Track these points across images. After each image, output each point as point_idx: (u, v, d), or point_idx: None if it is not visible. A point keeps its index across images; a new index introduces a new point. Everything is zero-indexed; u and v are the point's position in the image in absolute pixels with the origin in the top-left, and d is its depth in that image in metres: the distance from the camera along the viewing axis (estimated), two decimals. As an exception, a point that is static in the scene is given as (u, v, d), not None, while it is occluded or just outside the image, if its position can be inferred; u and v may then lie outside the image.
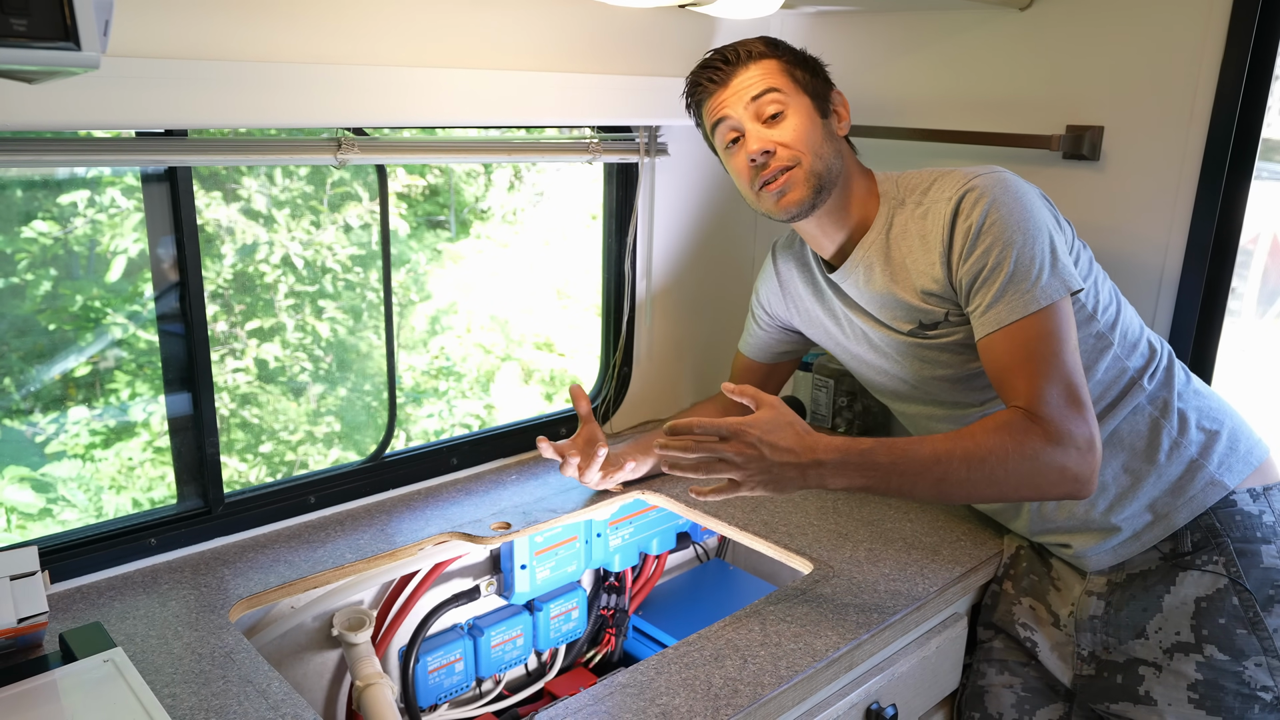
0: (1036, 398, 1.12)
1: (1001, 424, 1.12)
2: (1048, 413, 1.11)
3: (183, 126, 1.17)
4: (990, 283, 1.17)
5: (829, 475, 1.11)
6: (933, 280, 1.24)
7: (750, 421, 1.11)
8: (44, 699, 0.93)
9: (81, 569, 1.24)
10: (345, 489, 1.48)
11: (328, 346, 2.84)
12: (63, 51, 0.70)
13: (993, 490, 1.12)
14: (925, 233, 1.25)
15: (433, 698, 1.49)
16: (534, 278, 3.03)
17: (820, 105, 1.28)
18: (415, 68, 1.32)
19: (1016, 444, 1.10)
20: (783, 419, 1.11)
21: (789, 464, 1.10)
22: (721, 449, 1.10)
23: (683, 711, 1.02)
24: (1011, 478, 1.11)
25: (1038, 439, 1.10)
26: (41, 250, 2.10)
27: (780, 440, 1.10)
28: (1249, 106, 1.34)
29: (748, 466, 1.10)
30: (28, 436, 2.16)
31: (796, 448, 1.10)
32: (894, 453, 1.11)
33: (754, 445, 1.09)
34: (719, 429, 1.10)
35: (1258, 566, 1.20)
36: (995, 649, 1.40)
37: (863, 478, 1.11)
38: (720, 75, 1.27)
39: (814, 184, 1.25)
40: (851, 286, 1.35)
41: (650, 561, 1.79)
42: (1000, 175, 1.21)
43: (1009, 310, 1.15)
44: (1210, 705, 1.20)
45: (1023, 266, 1.15)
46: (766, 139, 1.24)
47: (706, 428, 1.11)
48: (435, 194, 3.06)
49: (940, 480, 1.10)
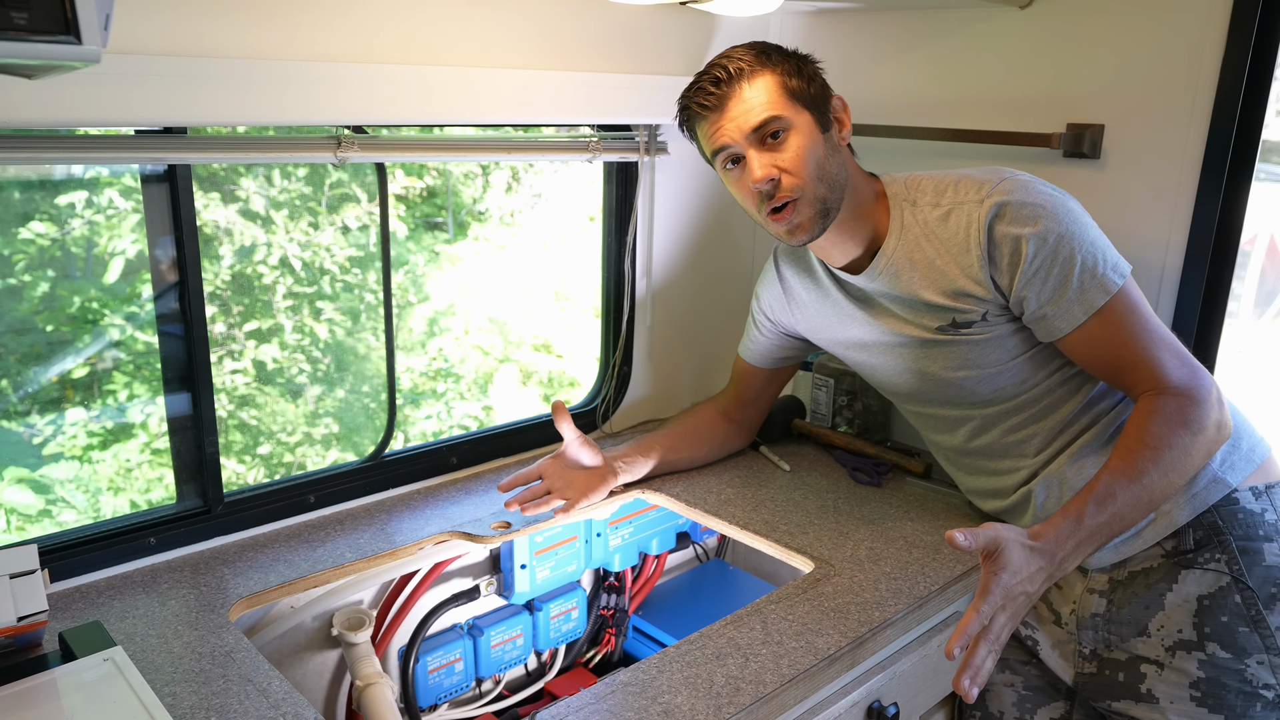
0: (1161, 371, 1.17)
1: (1152, 413, 1.15)
2: (1179, 379, 1.16)
3: (182, 124, 1.16)
4: (1064, 281, 1.19)
5: (1070, 563, 1.09)
6: (973, 282, 1.24)
7: (1008, 575, 1.03)
8: (44, 698, 0.93)
9: (81, 568, 1.23)
10: (345, 488, 1.48)
11: (326, 348, 2.84)
12: (63, 45, 0.70)
13: (1183, 477, 1.15)
14: (953, 234, 1.24)
15: (432, 697, 1.49)
16: (532, 279, 3.03)
17: (820, 118, 1.25)
18: (415, 66, 1.32)
19: (1182, 424, 1.13)
20: (1018, 546, 1.05)
21: (1043, 582, 1.06)
22: (1000, 620, 1.02)
23: (684, 710, 1.02)
24: (1193, 455, 1.14)
25: (1193, 409, 1.14)
26: (39, 251, 2.09)
27: (1030, 568, 1.05)
28: (1250, 105, 1.34)
29: (1020, 613, 1.05)
30: (25, 438, 2.15)
31: (1045, 565, 1.06)
32: (1105, 504, 1.10)
33: (1023, 592, 1.04)
34: (994, 606, 1.02)
35: (1260, 564, 1.20)
36: (997, 648, 1.39)
37: (1092, 544, 1.11)
38: (713, 100, 1.23)
39: (820, 209, 1.24)
40: (877, 289, 1.34)
41: (650, 561, 1.78)
42: (1024, 178, 1.23)
43: (1094, 297, 1.19)
44: (1212, 703, 1.20)
45: (1089, 256, 1.19)
46: (770, 165, 1.21)
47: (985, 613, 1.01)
48: (433, 196, 3.06)
49: (1150, 501, 1.13)
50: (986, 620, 1.01)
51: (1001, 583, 1.02)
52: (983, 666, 1.00)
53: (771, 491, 1.56)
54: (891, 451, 1.68)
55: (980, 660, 1.00)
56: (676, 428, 1.61)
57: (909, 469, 1.64)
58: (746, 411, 1.65)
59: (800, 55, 1.28)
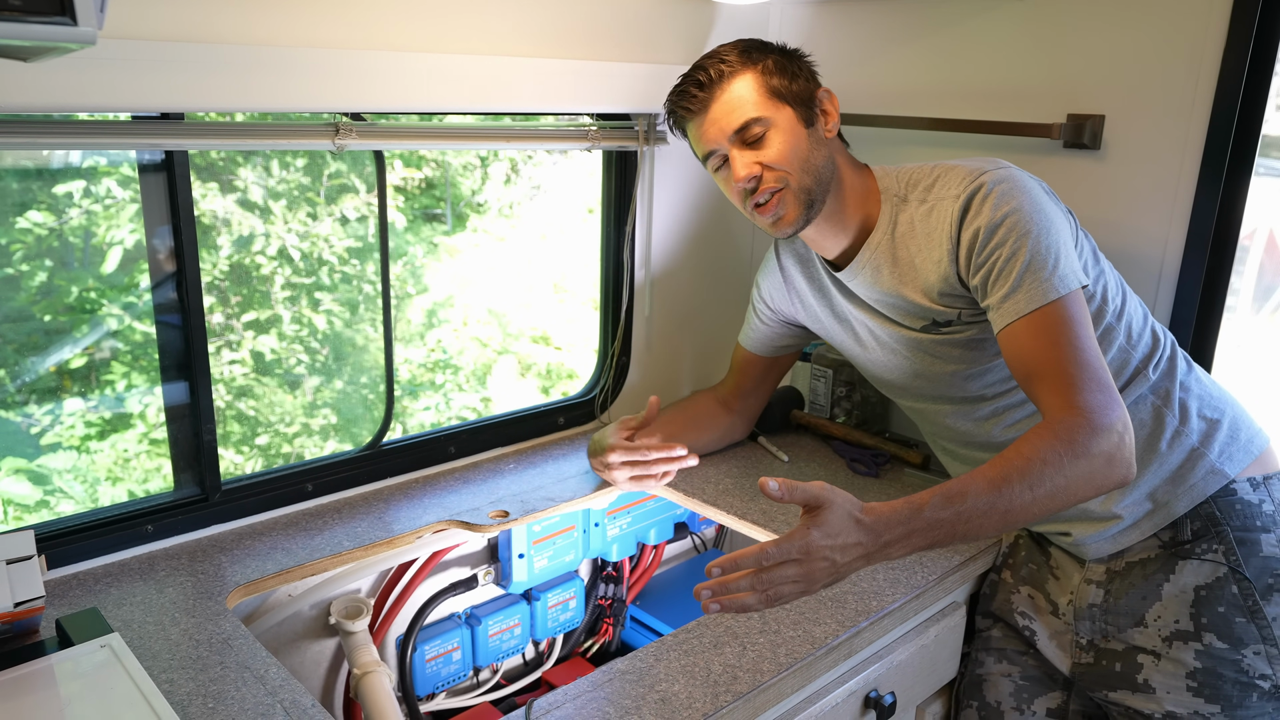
0: (1071, 389, 1.08)
1: (1043, 429, 1.06)
2: (1086, 402, 1.06)
3: (179, 110, 1.16)
4: (1006, 274, 1.15)
5: (894, 550, 0.98)
6: (943, 280, 1.23)
7: (819, 533, 0.94)
8: (41, 684, 0.93)
9: (78, 555, 1.23)
10: (343, 477, 1.48)
11: (324, 339, 2.83)
12: (59, 26, 0.70)
13: (1057, 502, 1.02)
14: (931, 230, 1.24)
15: (430, 686, 1.49)
16: (531, 271, 3.03)
17: (804, 113, 1.26)
18: (414, 53, 1.31)
19: (1067, 444, 1.03)
20: (843, 511, 0.95)
21: (858, 559, 0.96)
22: (788, 572, 0.93)
23: (682, 698, 1.02)
24: (1072, 482, 1.03)
25: (1084, 432, 1.04)
26: (37, 241, 2.09)
27: (847, 538, 0.95)
28: (1250, 98, 1.34)
29: (817, 579, 0.95)
30: (23, 428, 2.15)
31: (865, 540, 0.96)
32: (953, 501, 0.99)
33: (826, 558, 0.94)
34: (786, 553, 0.93)
35: (1257, 555, 1.20)
36: (994, 638, 1.39)
37: (926, 539, 0.99)
38: (696, 103, 1.26)
39: (804, 200, 1.25)
40: (859, 286, 1.34)
41: (648, 551, 1.79)
42: (1006, 170, 1.20)
43: (1029, 299, 1.13)
44: (1209, 693, 1.20)
45: (1039, 256, 1.14)
46: (752, 163, 1.24)
47: (771, 555, 0.92)
48: (431, 187, 3.05)
49: (1006, 512, 1.00)
50: (771, 561, 0.92)
51: (810, 539, 0.93)
52: (736, 595, 0.93)
53: (770, 482, 1.56)
54: (889, 442, 1.68)
55: (737, 586, 0.93)
56: (676, 417, 1.61)
57: (907, 460, 1.64)
58: (745, 401, 1.65)
59: (787, 51, 1.29)
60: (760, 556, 0.92)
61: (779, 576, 0.93)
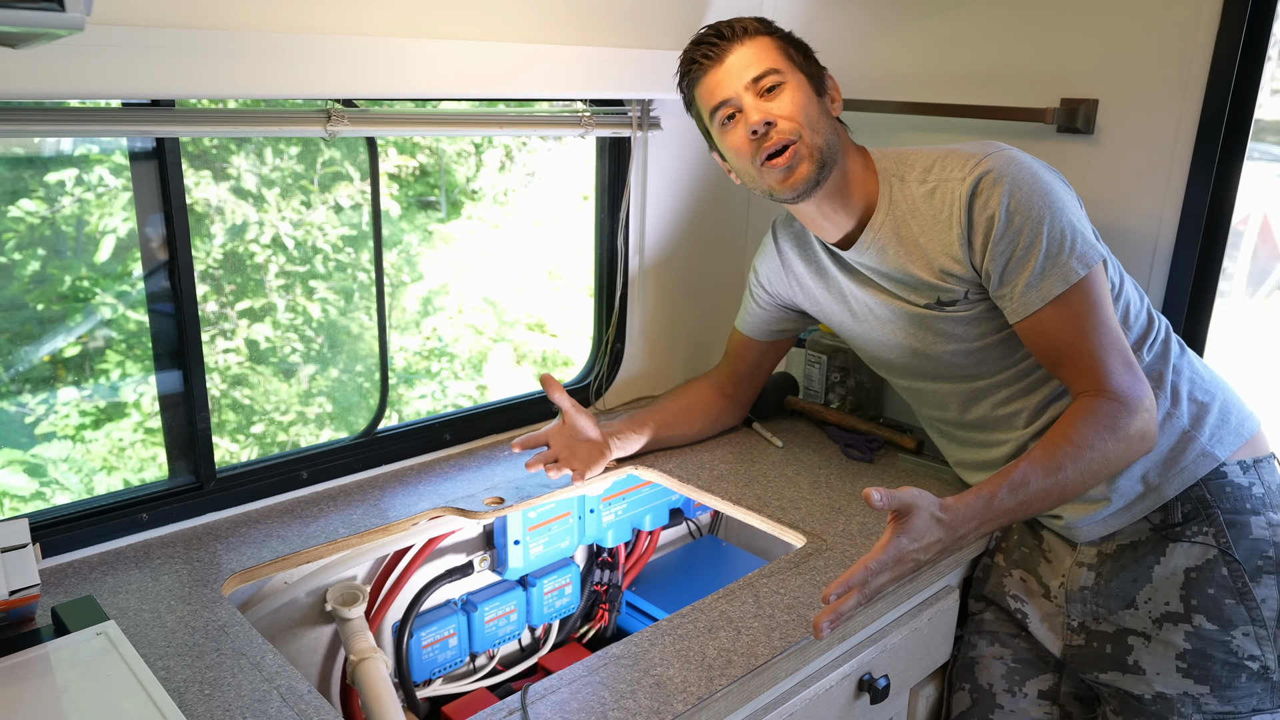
0: (1102, 372, 1.16)
1: (1084, 413, 1.14)
2: (1117, 384, 1.15)
3: (170, 96, 1.15)
4: (1025, 262, 1.17)
5: (967, 540, 1.10)
6: (953, 260, 1.24)
7: (907, 539, 1.04)
8: (37, 672, 0.93)
9: (73, 544, 1.23)
10: (338, 464, 1.48)
11: (319, 327, 2.83)
12: (46, 12, 0.69)
13: (1098, 479, 1.15)
14: (937, 211, 1.24)
15: (426, 672, 1.50)
16: (526, 259, 3.02)
17: (815, 84, 1.28)
18: (405, 39, 1.30)
19: (1109, 428, 1.13)
20: (927, 514, 1.05)
21: (938, 553, 1.08)
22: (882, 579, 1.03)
23: (676, 682, 1.02)
24: (1111, 461, 1.13)
25: (1122, 416, 1.13)
26: (29, 230, 2.08)
27: (930, 538, 1.06)
28: (1243, 82, 1.34)
29: (904, 575, 1.07)
30: (17, 417, 2.15)
31: (944, 536, 1.06)
32: (1018, 490, 1.10)
33: (914, 559, 1.05)
34: (883, 565, 1.03)
35: (1247, 538, 1.21)
36: (986, 621, 1.40)
37: (994, 525, 1.11)
38: (715, 51, 1.26)
39: (818, 159, 1.24)
40: (865, 264, 1.34)
41: (643, 537, 1.79)
42: (1010, 153, 1.21)
43: (1052, 285, 1.17)
44: (1198, 674, 1.21)
45: (1055, 241, 1.16)
46: (766, 110, 1.23)
47: (873, 569, 1.02)
48: (426, 174, 3.04)
49: (1060, 494, 1.12)
50: (871, 577, 1.02)
51: (900, 545, 1.04)
52: (847, 614, 1.03)
53: (764, 468, 1.56)
54: (884, 428, 1.68)
55: (848, 608, 1.02)
56: (670, 403, 1.62)
57: (901, 445, 1.64)
58: (740, 387, 1.65)
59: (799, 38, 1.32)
60: (865, 574, 1.02)
61: (876, 584, 1.03)
